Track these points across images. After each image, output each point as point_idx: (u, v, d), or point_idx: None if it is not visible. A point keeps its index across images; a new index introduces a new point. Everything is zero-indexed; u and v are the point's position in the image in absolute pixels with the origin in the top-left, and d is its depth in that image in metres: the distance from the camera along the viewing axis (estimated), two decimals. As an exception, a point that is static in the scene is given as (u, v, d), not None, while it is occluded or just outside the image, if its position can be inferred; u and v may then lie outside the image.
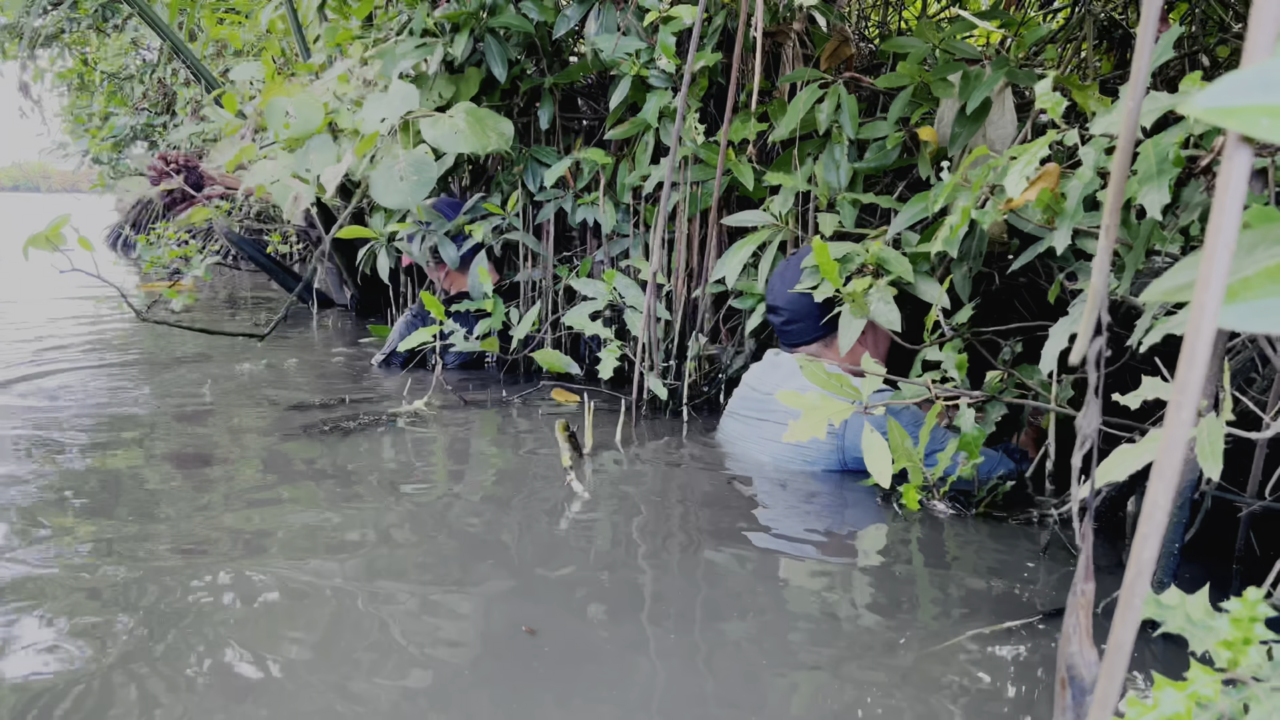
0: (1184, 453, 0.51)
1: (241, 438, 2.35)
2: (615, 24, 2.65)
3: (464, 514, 1.82)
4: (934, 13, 3.48)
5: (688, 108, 2.54)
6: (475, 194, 3.43)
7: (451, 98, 2.98)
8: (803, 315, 2.22)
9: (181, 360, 3.47)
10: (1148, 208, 1.24)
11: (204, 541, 1.64)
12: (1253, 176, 1.24)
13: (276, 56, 5.79)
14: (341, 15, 3.66)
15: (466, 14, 2.79)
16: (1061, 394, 1.91)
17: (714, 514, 1.86)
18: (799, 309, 2.21)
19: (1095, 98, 1.70)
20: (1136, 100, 0.70)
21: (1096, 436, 0.77)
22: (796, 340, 2.26)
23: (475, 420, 2.60)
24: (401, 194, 2.64)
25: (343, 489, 1.95)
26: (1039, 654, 1.29)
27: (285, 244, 6.00)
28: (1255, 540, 1.58)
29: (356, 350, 3.78)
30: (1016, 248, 2.15)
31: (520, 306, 3.24)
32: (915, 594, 1.49)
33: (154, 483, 1.97)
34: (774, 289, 2.28)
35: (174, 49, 4.68)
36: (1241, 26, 2.32)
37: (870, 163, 2.35)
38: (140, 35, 8.42)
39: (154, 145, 9.65)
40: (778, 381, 2.25)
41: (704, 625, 1.37)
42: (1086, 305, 0.72)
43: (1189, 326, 0.52)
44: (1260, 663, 0.85)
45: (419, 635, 1.31)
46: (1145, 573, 0.52)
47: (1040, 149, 1.31)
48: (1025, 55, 2.40)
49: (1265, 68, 0.51)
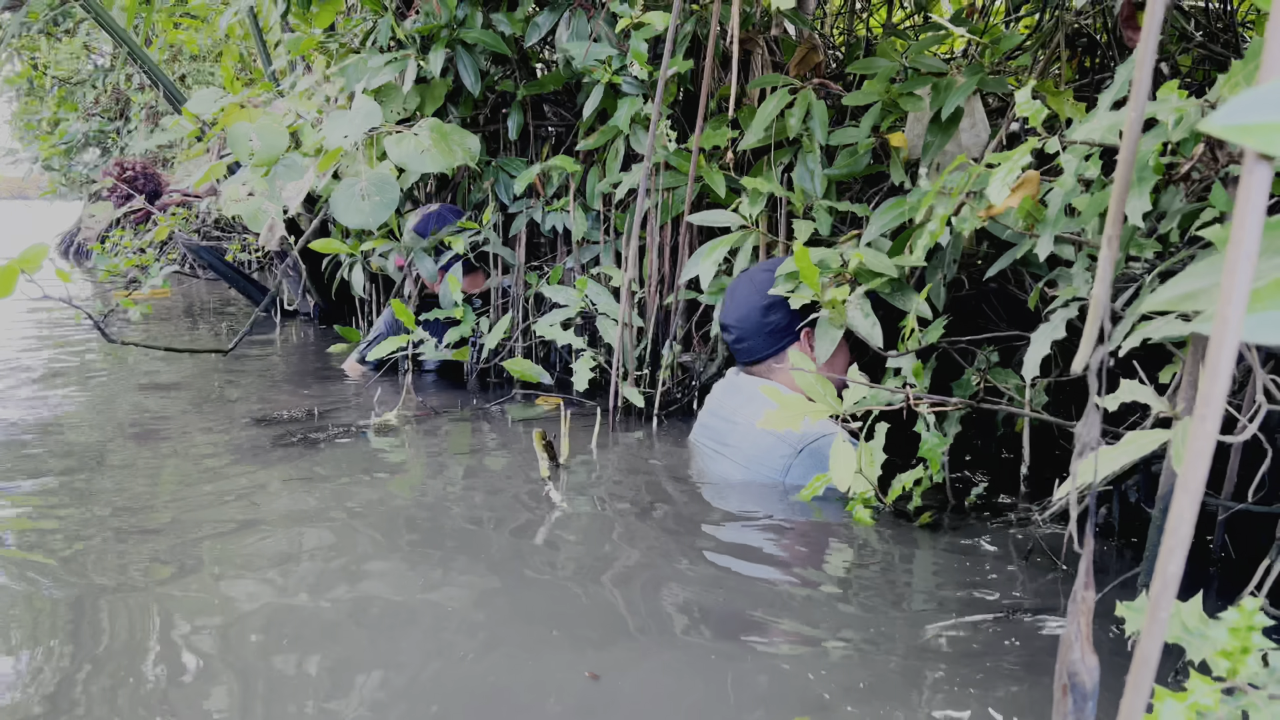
0: (1208, 465, 0.51)
1: (207, 453, 2.30)
2: (586, 31, 2.64)
3: (437, 527, 1.79)
4: (899, 20, 3.51)
5: (659, 114, 2.54)
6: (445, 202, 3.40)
7: (417, 108, 2.95)
8: (751, 334, 2.18)
9: (142, 374, 3.40)
10: (1129, 215, 1.25)
11: (166, 558, 1.60)
12: (1231, 184, 1.26)
13: (235, 62, 5.71)
14: (304, 22, 3.61)
15: (440, 27, 2.76)
16: (1036, 399, 1.93)
17: (689, 525, 1.85)
18: (748, 327, 2.18)
19: (1071, 104, 1.72)
20: (1139, 111, 0.71)
21: (1097, 445, 0.78)
22: (747, 358, 2.23)
23: (446, 430, 2.57)
24: (363, 214, 2.61)
25: (315, 503, 1.92)
26: (1017, 653, 1.30)
27: (245, 252, 5.91)
28: (1230, 543, 1.60)
29: (322, 360, 3.73)
30: (987, 254, 2.17)
31: (490, 315, 3.21)
32: (894, 599, 1.49)
33: (115, 499, 1.93)
34: (725, 306, 2.25)
35: (129, 54, 4.60)
36: (1203, 35, 2.36)
37: (841, 169, 2.36)
38: (93, 40, 8.27)
39: (106, 151, 9.48)
40: (737, 405, 2.22)
41: (684, 636, 1.36)
42: (1089, 314, 0.72)
43: (1212, 342, 0.52)
44: (1257, 669, 0.85)
45: (393, 649, 1.29)
46: (1171, 586, 0.52)
47: (1022, 156, 1.32)
48: (996, 63, 2.42)
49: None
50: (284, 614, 1.41)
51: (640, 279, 2.74)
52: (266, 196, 2.79)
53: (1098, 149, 1.33)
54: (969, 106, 2.13)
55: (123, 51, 4.95)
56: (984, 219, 1.53)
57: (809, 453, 2.04)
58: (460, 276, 3.05)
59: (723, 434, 2.23)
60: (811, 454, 2.04)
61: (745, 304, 2.19)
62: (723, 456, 2.21)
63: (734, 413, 2.21)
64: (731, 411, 2.22)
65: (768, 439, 2.09)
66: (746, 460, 2.13)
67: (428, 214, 3.15)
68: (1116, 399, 1.28)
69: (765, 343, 2.18)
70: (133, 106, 8.63)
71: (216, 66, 6.97)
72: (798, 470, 2.05)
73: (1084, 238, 1.52)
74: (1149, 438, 1.13)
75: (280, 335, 4.44)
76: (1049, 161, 1.77)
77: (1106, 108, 1.35)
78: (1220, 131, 0.51)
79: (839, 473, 1.78)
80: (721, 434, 2.24)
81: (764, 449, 2.09)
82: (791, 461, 2.05)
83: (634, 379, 2.73)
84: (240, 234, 6.35)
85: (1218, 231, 1.14)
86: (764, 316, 2.16)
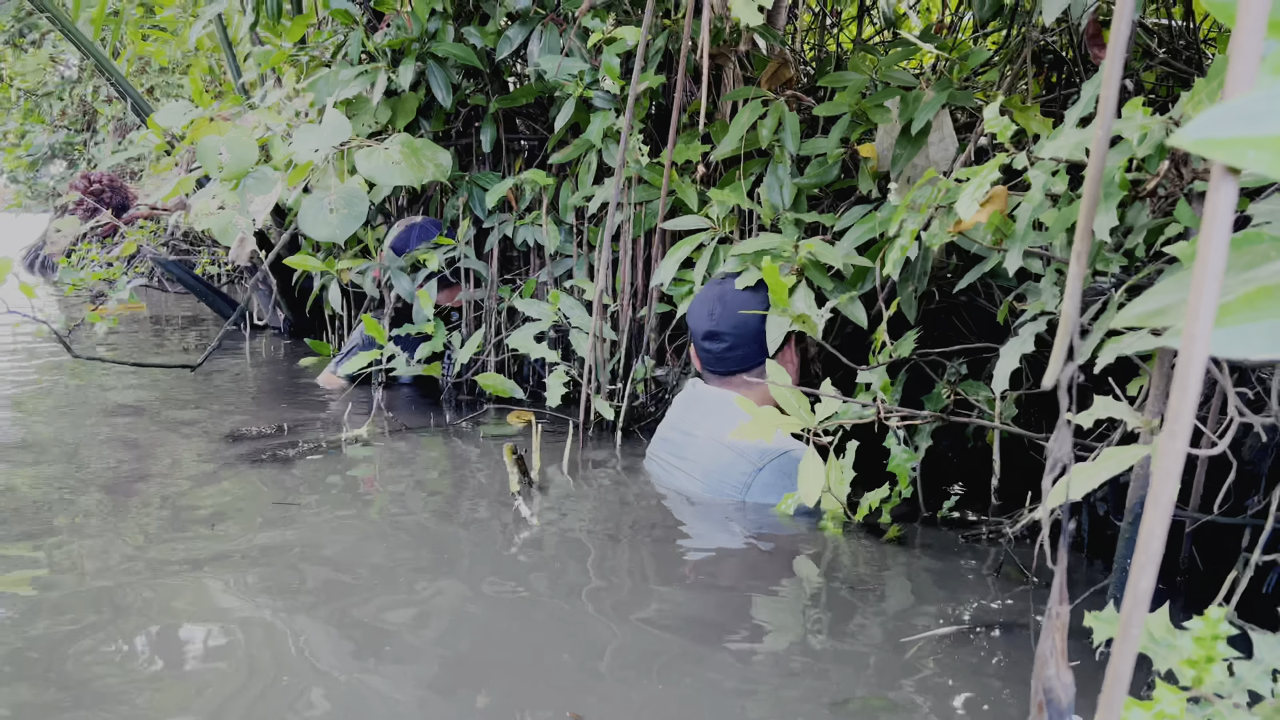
0: (1178, 481, 0.52)
1: (176, 470, 2.27)
2: (558, 45, 2.64)
3: (409, 553, 1.78)
4: (869, 36, 3.54)
5: (631, 128, 2.54)
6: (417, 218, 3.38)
7: (389, 122, 2.94)
8: (747, 340, 2.15)
9: (108, 389, 3.35)
10: (1096, 230, 1.27)
11: (132, 577, 1.58)
12: (1196, 199, 1.27)
13: (205, 74, 5.67)
14: (274, 34, 3.59)
15: (411, 40, 2.75)
16: (1006, 412, 1.94)
17: (661, 543, 1.84)
18: (746, 332, 2.15)
19: (1038, 119, 1.74)
20: (1106, 128, 0.71)
21: (1069, 460, 0.78)
22: (735, 367, 2.19)
23: (418, 446, 2.55)
24: (330, 227, 2.59)
25: (285, 522, 1.89)
26: (991, 665, 1.30)
27: (215, 266, 5.85)
28: (1198, 554, 1.62)
29: (292, 374, 3.69)
30: (956, 267, 2.18)
31: (462, 328, 3.20)
32: (867, 614, 1.49)
33: (82, 518, 1.89)
34: (714, 314, 2.18)
35: (97, 66, 4.55)
36: (1166, 53, 2.40)
37: (811, 179, 2.37)
38: (60, 51, 8.18)
39: (73, 164, 9.37)
40: (697, 419, 2.19)
41: (662, 661, 1.35)
42: (1059, 330, 0.73)
43: (1180, 358, 0.52)
44: (1222, 679, 0.86)
45: (357, 668, 1.27)
46: (1143, 603, 0.52)
47: (991, 172, 1.33)
48: (964, 78, 2.45)
49: (1248, 100, 0.51)
50: (254, 645, 1.39)
51: (613, 292, 2.74)
52: (236, 210, 2.76)
53: (1064, 165, 1.34)
54: (937, 121, 2.15)
55: (90, 63, 4.91)
56: (953, 233, 1.54)
57: (771, 469, 2.04)
58: (434, 292, 3.03)
59: (681, 448, 2.21)
60: (774, 470, 2.04)
61: (743, 312, 2.15)
62: (680, 471, 2.19)
63: (695, 426, 2.19)
64: (692, 425, 2.20)
65: (728, 455, 2.08)
66: (705, 475, 2.12)
67: (409, 226, 3.13)
68: (1091, 415, 1.28)
69: (759, 351, 2.15)
70: (100, 119, 8.55)
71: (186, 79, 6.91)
72: (759, 488, 2.04)
73: (1052, 252, 1.54)
74: (1125, 454, 1.14)
75: (250, 350, 4.40)
76: (1017, 176, 1.79)
77: (1073, 124, 1.37)
78: (1190, 146, 0.51)
79: (807, 488, 1.77)
80: (680, 448, 2.22)
81: (724, 465, 2.08)
82: (752, 479, 2.05)
83: (607, 393, 2.72)
84: (209, 248, 6.29)
85: (1184, 248, 1.15)
86: (763, 324, 2.13)
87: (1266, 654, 0.90)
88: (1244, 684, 0.89)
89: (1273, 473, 1.53)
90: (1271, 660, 0.89)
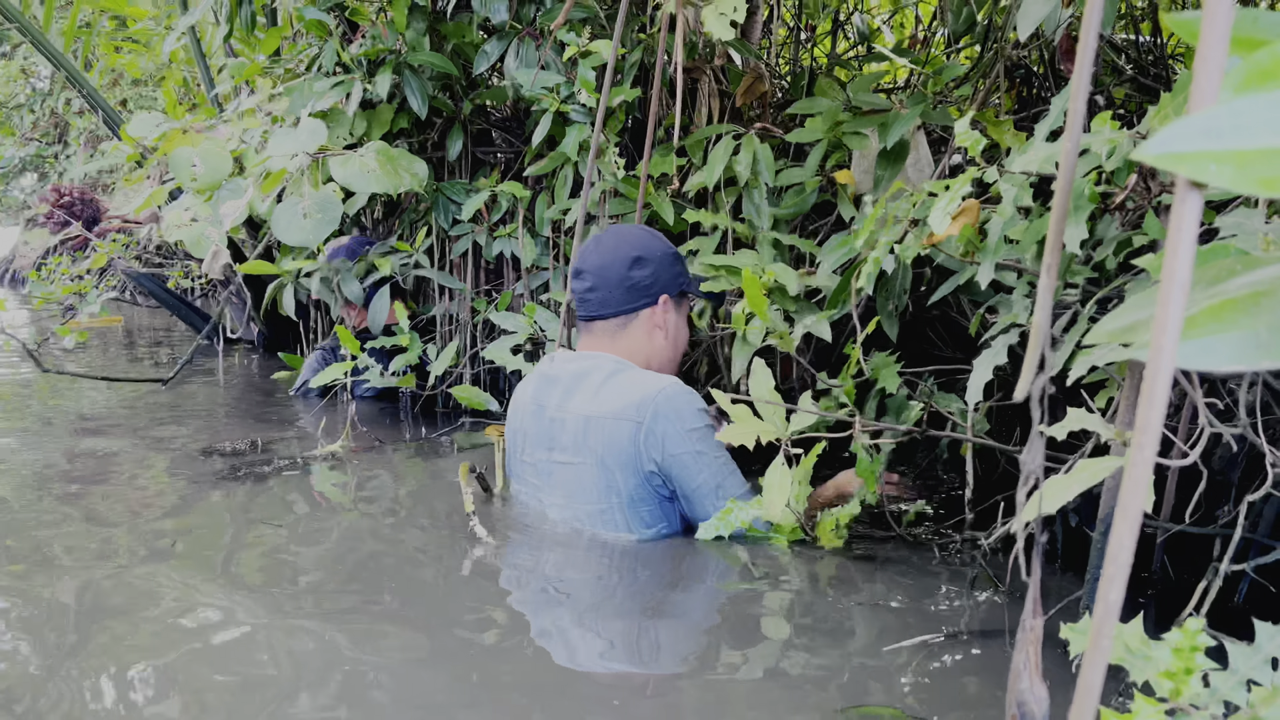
0: (1147, 491, 0.52)
1: (147, 487, 2.24)
2: (535, 59, 2.64)
3: (368, 562, 1.76)
4: (843, 50, 3.57)
5: (606, 141, 2.55)
6: (388, 228, 3.38)
7: (364, 134, 2.93)
8: (609, 285, 1.99)
9: (78, 404, 3.31)
10: (1066, 242, 1.28)
11: (104, 594, 1.55)
12: (1164, 212, 1.29)
13: (178, 86, 5.63)
14: (248, 47, 3.57)
15: (387, 50, 2.75)
16: (979, 425, 1.95)
17: (624, 560, 1.84)
18: (609, 276, 1.99)
19: (1011, 133, 1.76)
20: (1074, 141, 0.72)
21: (1041, 472, 0.78)
22: (595, 311, 2.01)
23: (391, 461, 2.53)
24: (304, 231, 2.57)
25: (254, 541, 1.87)
26: (965, 676, 1.30)
27: (188, 279, 5.80)
28: (1169, 564, 1.63)
29: (265, 389, 3.66)
30: (930, 280, 2.20)
31: (437, 341, 3.19)
32: (838, 626, 1.49)
33: (50, 535, 1.86)
34: (584, 253, 2.05)
35: (68, 78, 4.51)
36: (1134, 70, 2.43)
37: (789, 209, 2.38)
38: (31, 63, 8.11)
39: (44, 177, 9.28)
40: (559, 401, 1.98)
41: (630, 691, 1.34)
42: (1030, 342, 0.73)
43: (1148, 370, 0.52)
44: (1198, 690, 0.86)
45: (288, 693, 1.26)
46: (1113, 613, 0.52)
47: (963, 185, 1.34)
48: (938, 93, 2.47)
49: (1211, 115, 0.52)
50: (203, 653, 1.37)
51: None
52: (209, 222, 2.74)
53: (1034, 178, 1.35)
54: (914, 143, 2.17)
55: (61, 75, 4.86)
56: (926, 247, 1.55)
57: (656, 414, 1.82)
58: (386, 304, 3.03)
59: (553, 438, 1.99)
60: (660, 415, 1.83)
61: (611, 253, 2.01)
62: (563, 465, 1.96)
63: (558, 409, 1.98)
64: (556, 409, 1.98)
65: (609, 423, 1.87)
66: (596, 455, 1.88)
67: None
68: (1065, 428, 1.29)
69: (621, 297, 1.99)
70: (72, 131, 8.47)
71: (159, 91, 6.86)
72: (653, 439, 1.82)
73: (1023, 265, 1.55)
74: (1098, 466, 1.14)
75: (223, 364, 4.36)
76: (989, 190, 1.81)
77: (1043, 138, 1.38)
78: (1154, 160, 0.52)
79: (772, 499, 1.70)
80: (551, 439, 1.99)
81: (610, 433, 1.86)
82: (641, 431, 1.83)
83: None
84: (182, 261, 6.23)
85: (1153, 260, 1.17)
86: (629, 269, 1.99)
87: (1241, 664, 0.90)
88: (1220, 695, 0.89)
89: (1242, 483, 1.54)
90: (1246, 670, 0.90)
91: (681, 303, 2.10)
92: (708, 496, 1.84)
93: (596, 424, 1.88)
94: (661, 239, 2.08)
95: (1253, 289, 0.61)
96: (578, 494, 1.93)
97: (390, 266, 3.02)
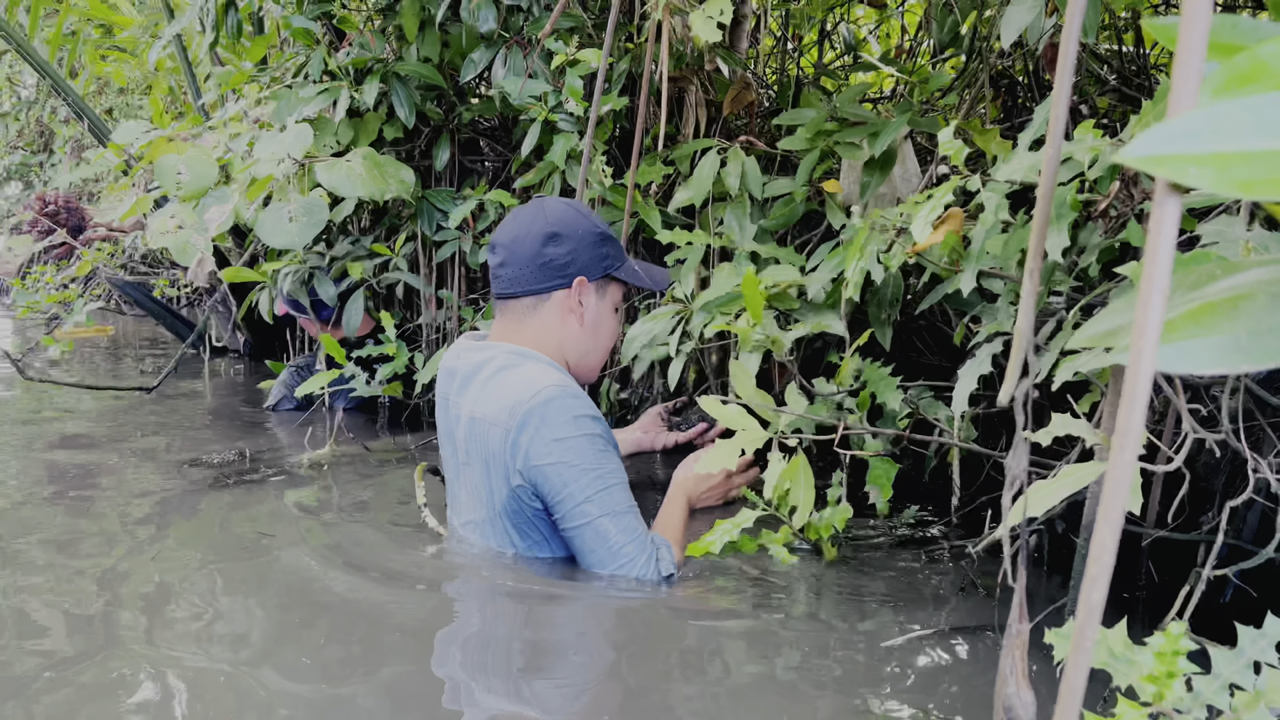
0: (1129, 495, 0.52)
1: (132, 498, 2.23)
2: (523, 68, 2.64)
3: (344, 573, 1.76)
4: (830, 60, 3.59)
5: (594, 150, 2.55)
6: (374, 236, 3.36)
7: (350, 142, 2.93)
8: (521, 261, 1.81)
9: (62, 413, 3.29)
10: (1049, 250, 1.28)
11: (87, 608, 1.54)
12: (1146, 220, 1.30)
13: (165, 95, 5.61)
14: (235, 55, 3.56)
15: (375, 59, 2.75)
16: (966, 432, 1.96)
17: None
18: (521, 252, 1.81)
19: (997, 141, 1.77)
20: (1056, 149, 0.72)
21: (1026, 477, 0.78)
22: (505, 289, 1.83)
23: (377, 470, 2.52)
24: (289, 234, 2.56)
25: (241, 552, 1.86)
26: (953, 678, 1.30)
27: (173, 288, 5.77)
28: (1154, 568, 1.63)
29: (251, 398, 3.65)
30: (917, 289, 2.20)
31: (423, 349, 3.17)
32: (827, 631, 1.49)
33: (33, 550, 1.85)
34: (503, 225, 1.88)
35: (53, 86, 4.49)
36: (1117, 79, 2.45)
37: (777, 220, 2.38)
38: (16, 71, 8.07)
39: (30, 185, 9.23)
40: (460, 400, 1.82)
41: (583, 684, 1.34)
42: (1013, 348, 0.74)
43: (1128, 372, 0.53)
44: (1181, 694, 0.87)
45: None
46: (1095, 615, 0.52)
47: (945, 194, 1.35)
48: (924, 103, 2.48)
49: (1190, 119, 0.52)
50: (196, 690, 1.36)
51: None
52: (195, 230, 2.73)
53: (1015, 186, 1.36)
54: (901, 154, 2.17)
55: (46, 84, 4.84)
56: (910, 255, 1.55)
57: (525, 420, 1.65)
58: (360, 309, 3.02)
59: (452, 435, 1.87)
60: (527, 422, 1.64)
61: (527, 227, 1.82)
62: (464, 465, 1.83)
63: (455, 405, 1.84)
64: (454, 404, 1.85)
65: (485, 426, 1.72)
66: (482, 459, 1.74)
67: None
68: (1050, 433, 1.30)
69: (532, 275, 1.81)
70: (57, 139, 8.43)
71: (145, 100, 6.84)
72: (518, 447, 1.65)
73: (1006, 273, 1.56)
74: (1083, 471, 1.15)
75: (209, 372, 4.34)
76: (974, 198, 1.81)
77: (1026, 147, 1.39)
78: (1134, 163, 0.52)
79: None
80: (451, 436, 1.87)
81: (486, 437, 1.72)
82: (509, 438, 1.66)
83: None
84: (168, 269, 6.21)
85: (1135, 268, 1.17)
86: (543, 245, 1.80)
87: (1224, 668, 0.91)
88: (1203, 699, 0.89)
89: (1225, 488, 1.55)
90: (1229, 675, 0.90)
91: (606, 288, 1.91)
92: (571, 514, 1.65)
93: (477, 426, 1.74)
94: (591, 217, 1.88)
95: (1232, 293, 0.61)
96: (472, 500, 1.82)
97: (362, 271, 3.00)
